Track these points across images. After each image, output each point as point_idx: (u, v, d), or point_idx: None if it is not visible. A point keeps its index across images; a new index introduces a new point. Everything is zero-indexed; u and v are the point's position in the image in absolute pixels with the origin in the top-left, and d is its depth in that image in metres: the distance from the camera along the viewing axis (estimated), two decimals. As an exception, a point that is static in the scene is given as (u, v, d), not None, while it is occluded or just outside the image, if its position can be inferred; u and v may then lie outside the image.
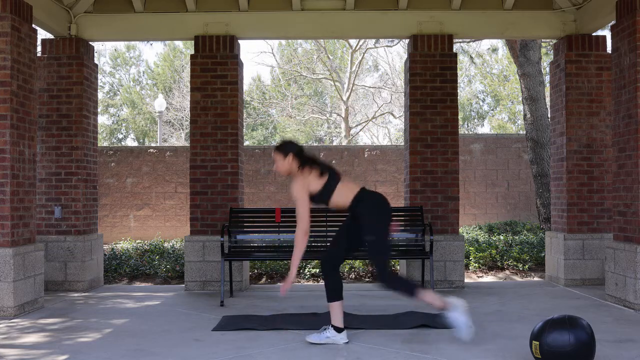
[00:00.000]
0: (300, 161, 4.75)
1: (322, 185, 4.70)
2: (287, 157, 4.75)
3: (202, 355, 4.41)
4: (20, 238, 6.02)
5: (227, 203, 7.42)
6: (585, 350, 3.85)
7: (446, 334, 4.97)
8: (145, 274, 8.60)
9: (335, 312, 4.76)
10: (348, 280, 8.34)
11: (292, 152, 4.76)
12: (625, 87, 6.15)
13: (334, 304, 4.76)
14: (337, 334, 4.72)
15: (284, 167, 4.76)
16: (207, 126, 7.47)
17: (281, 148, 4.80)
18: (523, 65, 10.55)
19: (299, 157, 4.77)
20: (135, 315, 5.91)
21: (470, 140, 12.56)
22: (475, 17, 7.60)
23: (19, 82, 6.02)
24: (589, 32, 7.56)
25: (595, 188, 7.54)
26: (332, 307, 4.76)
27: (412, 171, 7.49)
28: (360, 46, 22.36)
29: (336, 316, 4.75)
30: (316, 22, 7.67)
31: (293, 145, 4.82)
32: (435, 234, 7.36)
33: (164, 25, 7.62)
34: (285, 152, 4.77)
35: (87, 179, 7.56)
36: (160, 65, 34.84)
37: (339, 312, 4.76)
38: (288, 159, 4.75)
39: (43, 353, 4.52)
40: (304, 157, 4.79)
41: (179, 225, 12.31)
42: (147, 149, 12.58)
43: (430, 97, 7.49)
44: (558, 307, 6.12)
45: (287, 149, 4.78)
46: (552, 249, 7.85)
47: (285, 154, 4.76)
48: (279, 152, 4.79)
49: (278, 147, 4.82)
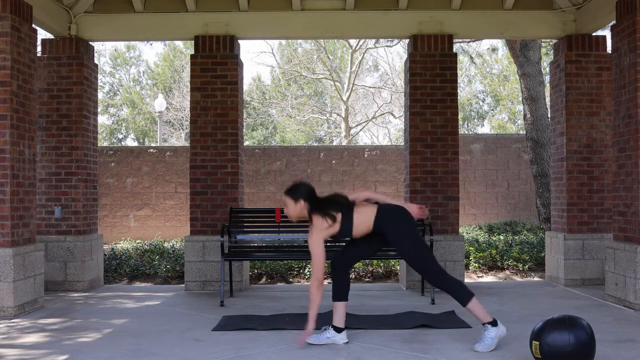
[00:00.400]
0: (311, 206, 4.65)
1: (340, 226, 4.62)
2: (298, 202, 4.66)
3: (202, 355, 4.41)
4: (20, 238, 6.02)
5: (227, 203, 7.42)
6: (585, 350, 3.85)
7: (446, 334, 4.97)
8: (145, 274, 8.61)
9: (338, 312, 4.75)
10: (348, 280, 8.34)
11: (303, 197, 4.65)
12: (625, 87, 6.15)
13: (337, 304, 4.75)
14: (337, 334, 4.72)
15: (295, 212, 4.68)
16: (207, 126, 7.47)
17: (291, 193, 4.69)
18: (523, 65, 10.55)
19: (310, 201, 4.66)
20: (135, 315, 5.91)
21: (470, 140, 12.56)
22: (475, 17, 7.60)
23: (19, 82, 6.02)
24: (589, 32, 7.56)
25: (595, 188, 7.54)
26: (336, 307, 4.75)
27: (412, 171, 7.49)
28: (360, 46, 22.37)
29: (338, 316, 4.75)
30: (316, 22, 7.67)
31: (303, 190, 4.69)
32: (435, 234, 7.36)
33: (164, 25, 7.62)
34: (296, 197, 4.66)
35: (87, 179, 7.56)
36: (160, 65, 34.85)
37: (341, 312, 4.76)
38: (299, 204, 4.66)
39: (43, 353, 4.52)
40: (315, 200, 4.67)
41: (179, 225, 12.32)
42: (147, 149, 12.58)
43: (430, 97, 7.49)
44: (558, 307, 6.12)
45: (297, 194, 4.67)
46: (552, 249, 7.85)
47: (295, 199, 4.66)
48: (289, 197, 4.69)
49: (288, 190, 4.72)
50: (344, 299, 4.77)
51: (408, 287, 7.42)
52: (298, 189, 4.70)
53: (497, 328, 4.49)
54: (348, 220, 4.61)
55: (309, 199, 4.67)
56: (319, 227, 4.58)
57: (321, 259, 4.56)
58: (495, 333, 4.47)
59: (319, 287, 4.56)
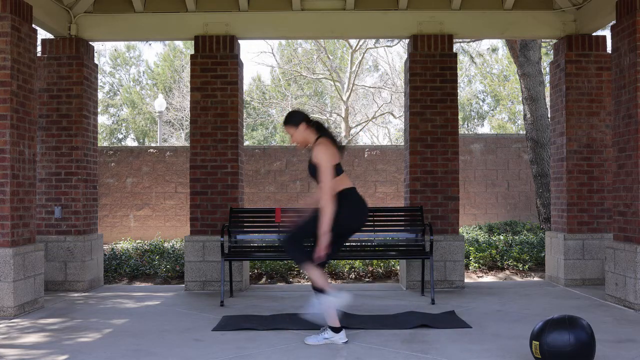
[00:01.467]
0: (315, 129, 4.73)
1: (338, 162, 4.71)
2: (299, 126, 4.73)
3: (202, 355, 4.41)
4: (20, 238, 6.02)
5: (227, 203, 7.42)
6: (585, 350, 3.85)
7: (446, 334, 4.97)
8: (145, 274, 8.61)
9: (329, 313, 4.72)
10: (348, 280, 8.34)
11: (303, 120, 4.74)
12: (625, 87, 6.15)
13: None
14: (335, 334, 4.71)
15: (301, 137, 4.75)
16: (207, 126, 7.47)
17: (289, 120, 4.77)
18: (523, 65, 10.55)
19: (311, 124, 4.74)
20: (135, 315, 5.91)
21: (470, 140, 12.56)
22: (475, 17, 7.60)
23: (19, 82, 6.02)
24: (589, 32, 7.56)
25: (595, 188, 7.54)
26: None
27: (412, 171, 7.49)
28: (360, 46, 22.36)
29: (330, 317, 4.73)
30: (316, 22, 7.67)
31: (300, 114, 4.79)
32: (435, 234, 7.36)
33: (164, 25, 7.62)
34: (295, 122, 4.74)
35: (87, 179, 7.56)
36: (160, 65, 34.86)
37: (332, 312, 4.73)
38: (301, 128, 4.73)
39: (43, 353, 4.52)
40: (314, 124, 4.76)
41: (179, 225, 12.32)
42: (147, 149, 12.58)
43: (430, 97, 7.49)
44: (558, 307, 6.12)
45: (295, 118, 4.75)
46: (552, 249, 7.85)
47: (295, 124, 4.74)
48: (289, 125, 4.76)
49: (286, 120, 4.79)
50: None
51: (408, 287, 7.42)
52: (294, 115, 4.80)
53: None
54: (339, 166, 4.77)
55: (308, 121, 4.77)
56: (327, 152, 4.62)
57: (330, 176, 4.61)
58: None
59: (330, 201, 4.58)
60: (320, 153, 4.63)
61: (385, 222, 7.14)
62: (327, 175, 4.61)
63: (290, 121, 4.78)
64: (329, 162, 4.62)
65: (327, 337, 4.71)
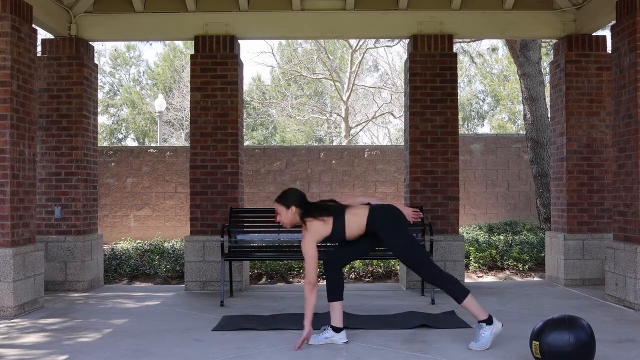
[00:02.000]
0: (302, 211, 4.70)
1: (332, 228, 4.65)
2: (290, 209, 4.70)
3: (202, 355, 4.41)
4: (20, 238, 6.02)
5: (227, 203, 7.42)
6: (585, 350, 3.85)
7: (446, 334, 4.97)
8: (145, 274, 8.61)
9: (335, 312, 4.76)
10: (348, 280, 8.34)
11: (294, 204, 4.70)
12: (625, 87, 6.15)
13: (334, 304, 4.76)
14: (336, 334, 4.72)
15: (288, 219, 4.72)
16: (207, 126, 7.47)
17: (282, 200, 4.74)
18: (523, 65, 10.55)
19: (301, 207, 4.71)
20: (135, 315, 5.91)
21: (470, 140, 12.56)
22: (475, 17, 7.60)
23: (19, 82, 6.03)
24: (589, 32, 7.56)
25: (595, 188, 7.54)
26: (332, 307, 4.77)
27: (412, 171, 7.49)
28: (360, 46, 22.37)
29: (336, 316, 4.76)
30: (316, 22, 7.67)
31: (294, 196, 4.74)
32: (435, 234, 7.36)
33: (164, 25, 7.62)
34: (287, 204, 4.71)
35: (87, 179, 7.56)
36: (160, 65, 34.85)
37: (338, 312, 4.76)
38: (290, 210, 4.70)
39: (43, 353, 4.52)
40: (305, 206, 4.72)
41: (179, 225, 12.32)
42: (147, 149, 12.58)
43: (430, 97, 7.49)
44: (558, 307, 6.12)
45: (288, 201, 4.72)
46: (552, 249, 7.85)
47: (287, 206, 4.71)
48: (280, 204, 4.73)
49: (278, 198, 4.76)
50: (340, 298, 4.77)
51: (408, 287, 7.42)
52: (288, 196, 4.75)
53: (492, 326, 4.50)
54: (340, 222, 4.65)
55: (300, 205, 4.72)
56: (311, 231, 4.63)
57: (314, 261, 4.60)
58: (490, 332, 4.48)
59: (312, 289, 4.58)
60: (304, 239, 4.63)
61: (385, 222, 7.12)
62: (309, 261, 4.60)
63: (281, 201, 4.75)
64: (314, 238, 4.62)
65: (327, 336, 4.72)
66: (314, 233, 4.63)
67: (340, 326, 4.75)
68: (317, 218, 4.65)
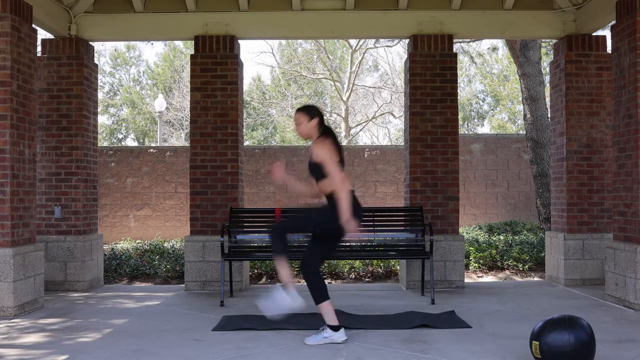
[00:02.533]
0: (322, 129, 4.82)
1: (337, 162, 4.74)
2: (312, 120, 4.80)
3: (202, 355, 4.41)
4: (20, 238, 6.02)
5: (227, 203, 7.42)
6: (585, 350, 3.85)
7: (446, 334, 4.97)
8: (145, 274, 8.61)
9: (326, 312, 4.76)
10: (348, 280, 8.34)
11: (318, 117, 4.81)
12: (625, 87, 6.15)
13: (322, 305, 4.76)
14: (334, 332, 4.72)
15: (306, 129, 4.82)
16: (207, 126, 7.47)
17: (307, 110, 4.84)
18: (523, 65, 10.55)
19: (322, 124, 4.83)
20: (135, 315, 5.91)
21: (470, 140, 12.56)
22: (475, 17, 7.60)
23: (19, 82, 6.02)
24: (589, 32, 7.56)
25: (595, 188, 7.54)
26: (322, 308, 4.77)
27: (412, 171, 7.49)
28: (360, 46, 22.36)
29: (329, 315, 4.75)
30: (316, 22, 7.67)
31: (319, 112, 4.87)
32: (435, 234, 7.36)
33: (164, 25, 7.62)
34: (311, 115, 4.81)
35: (87, 179, 7.56)
36: (160, 65, 34.85)
37: (330, 311, 4.76)
38: (312, 122, 4.80)
39: (43, 353, 4.52)
40: (325, 126, 4.85)
41: (179, 225, 12.32)
42: (147, 149, 12.58)
43: (430, 97, 7.49)
44: (558, 307, 6.12)
45: (313, 112, 4.83)
46: (552, 249, 7.85)
47: (311, 116, 4.81)
48: (304, 113, 4.82)
49: (303, 108, 4.87)
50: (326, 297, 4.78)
51: (408, 287, 7.42)
52: (313, 108, 4.87)
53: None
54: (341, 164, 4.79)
55: (321, 121, 4.84)
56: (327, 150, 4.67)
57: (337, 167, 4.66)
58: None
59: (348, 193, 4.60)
60: (320, 150, 4.68)
61: (385, 222, 7.14)
62: (333, 167, 4.65)
63: (306, 111, 4.85)
64: (330, 157, 4.67)
65: (326, 335, 4.72)
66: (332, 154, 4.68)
67: (337, 324, 4.75)
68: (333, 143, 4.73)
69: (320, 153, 4.67)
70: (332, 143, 4.76)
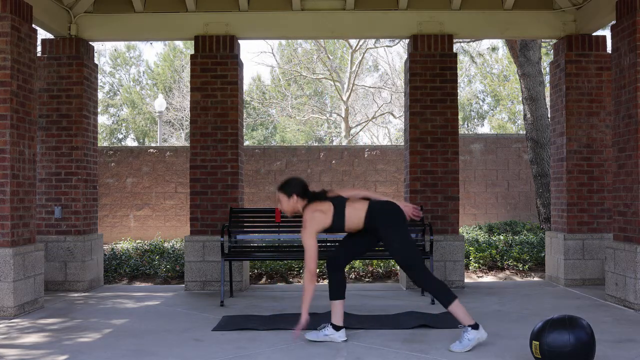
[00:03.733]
0: (304, 200, 4.74)
1: (332, 219, 4.66)
2: (291, 197, 4.73)
3: (202, 355, 4.41)
4: (20, 238, 6.02)
5: (227, 203, 7.42)
6: (585, 350, 3.85)
7: (446, 334, 4.97)
8: (145, 274, 8.61)
9: (336, 310, 4.78)
10: (348, 280, 8.34)
11: (296, 192, 4.73)
12: (625, 87, 6.15)
13: (335, 303, 4.78)
14: (336, 332, 4.74)
15: (289, 207, 4.77)
16: (207, 126, 7.47)
17: (284, 188, 4.77)
18: (523, 65, 10.55)
19: (303, 196, 4.74)
20: (135, 315, 5.91)
21: (470, 140, 12.56)
22: (475, 17, 7.60)
23: (19, 82, 6.02)
24: (589, 32, 7.56)
25: (595, 188, 7.54)
26: (334, 305, 4.78)
27: (412, 171, 7.49)
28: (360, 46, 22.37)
29: (337, 315, 4.78)
30: (316, 22, 7.67)
31: (296, 185, 4.77)
32: (435, 234, 7.36)
33: (164, 25, 7.62)
34: (289, 192, 4.74)
35: (87, 179, 7.56)
36: (160, 65, 34.85)
37: (339, 311, 4.78)
38: (292, 199, 4.73)
39: (43, 353, 4.52)
40: (307, 195, 4.76)
41: (179, 225, 12.31)
42: (147, 149, 12.58)
43: (430, 97, 7.49)
44: (558, 307, 6.12)
45: (290, 189, 4.75)
46: (552, 249, 7.85)
47: (289, 194, 4.74)
48: (282, 193, 4.77)
49: (281, 186, 4.80)
50: (342, 297, 4.79)
51: (408, 287, 7.42)
52: (290, 184, 4.79)
53: (478, 331, 4.49)
54: (340, 214, 4.67)
55: (301, 194, 4.75)
56: (312, 221, 4.63)
57: (314, 251, 4.60)
58: (474, 336, 4.47)
59: (312, 279, 4.58)
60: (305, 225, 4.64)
61: (385, 222, 7.12)
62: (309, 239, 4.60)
63: (283, 189, 4.78)
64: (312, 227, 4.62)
65: (327, 333, 4.73)
66: (315, 224, 4.63)
67: (341, 324, 4.77)
68: (318, 209, 4.66)
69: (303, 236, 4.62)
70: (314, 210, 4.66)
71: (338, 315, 4.78)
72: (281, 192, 4.78)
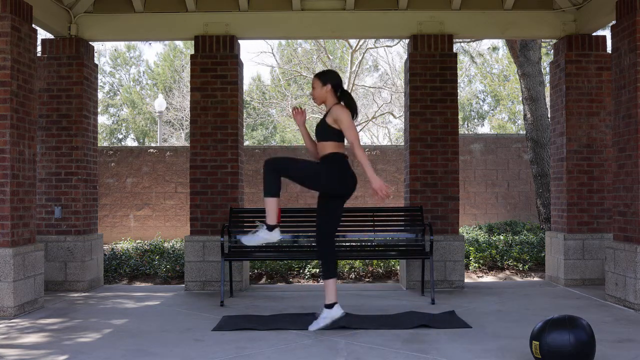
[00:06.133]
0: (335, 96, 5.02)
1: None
2: (325, 86, 5.01)
3: (202, 355, 4.41)
4: (20, 238, 6.02)
5: (227, 203, 7.42)
6: (585, 350, 3.85)
7: (446, 334, 4.97)
8: (145, 274, 8.61)
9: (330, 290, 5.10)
10: (348, 280, 8.34)
11: (331, 83, 5.00)
12: (625, 87, 6.15)
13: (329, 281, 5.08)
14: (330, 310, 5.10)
15: (320, 95, 5.04)
16: (207, 126, 7.47)
17: (321, 76, 5.06)
18: (523, 65, 10.55)
19: (337, 90, 5.02)
20: (135, 315, 5.91)
21: (470, 140, 12.56)
22: (475, 17, 7.60)
23: (19, 82, 6.02)
24: (589, 32, 7.56)
25: (595, 188, 7.54)
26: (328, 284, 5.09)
27: (412, 171, 7.49)
28: (360, 46, 22.34)
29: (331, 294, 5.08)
30: (316, 22, 7.67)
31: (334, 77, 5.04)
32: (435, 234, 7.36)
33: (164, 25, 7.62)
34: (325, 81, 5.02)
35: (87, 179, 7.56)
36: (160, 65, 34.86)
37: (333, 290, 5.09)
38: (326, 88, 5.01)
39: (43, 353, 4.52)
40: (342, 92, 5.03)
41: (179, 225, 12.32)
42: (147, 149, 12.58)
43: (430, 97, 7.49)
44: (558, 307, 6.12)
45: (327, 78, 5.03)
46: (552, 249, 7.85)
47: (324, 82, 5.02)
48: (318, 79, 5.03)
49: (319, 73, 5.08)
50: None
51: (408, 287, 7.42)
52: (328, 74, 5.09)
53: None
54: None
55: (335, 87, 5.03)
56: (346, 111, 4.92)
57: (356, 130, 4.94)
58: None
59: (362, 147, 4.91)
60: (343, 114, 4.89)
61: (385, 222, 7.14)
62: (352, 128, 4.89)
63: (320, 76, 5.06)
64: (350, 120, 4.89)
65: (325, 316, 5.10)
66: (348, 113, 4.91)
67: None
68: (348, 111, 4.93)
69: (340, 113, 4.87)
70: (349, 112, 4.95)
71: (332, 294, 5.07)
72: (318, 78, 5.04)
